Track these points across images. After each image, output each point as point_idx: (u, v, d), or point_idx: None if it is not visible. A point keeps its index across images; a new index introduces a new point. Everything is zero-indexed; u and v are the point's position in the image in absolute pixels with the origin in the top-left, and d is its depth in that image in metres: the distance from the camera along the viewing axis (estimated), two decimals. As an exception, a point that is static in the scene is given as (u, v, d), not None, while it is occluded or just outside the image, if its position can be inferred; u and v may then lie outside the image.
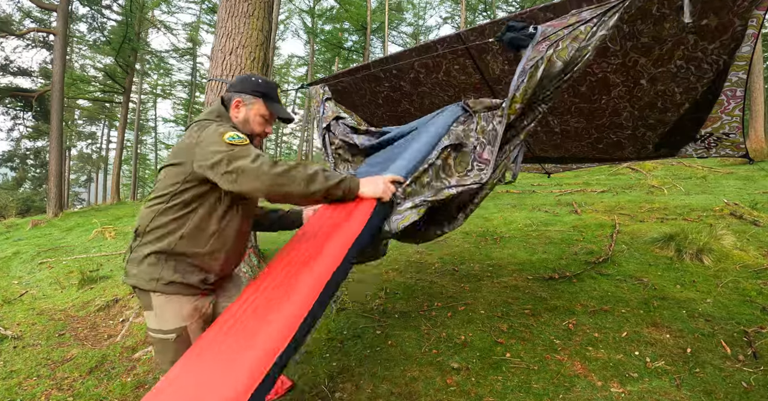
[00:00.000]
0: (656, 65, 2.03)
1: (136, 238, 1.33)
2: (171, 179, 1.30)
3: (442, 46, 2.23)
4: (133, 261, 1.33)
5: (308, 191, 1.21)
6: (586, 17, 1.47)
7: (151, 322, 1.34)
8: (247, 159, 1.18)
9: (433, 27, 32.98)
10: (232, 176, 1.17)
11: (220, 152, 1.19)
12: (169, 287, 1.31)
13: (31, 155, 20.40)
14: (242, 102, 1.43)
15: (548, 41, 1.50)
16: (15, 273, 4.98)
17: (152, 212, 1.31)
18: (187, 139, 1.32)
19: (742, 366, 1.99)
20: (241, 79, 1.48)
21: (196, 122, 1.38)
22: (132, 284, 1.34)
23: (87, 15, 16.30)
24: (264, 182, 1.16)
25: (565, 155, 3.21)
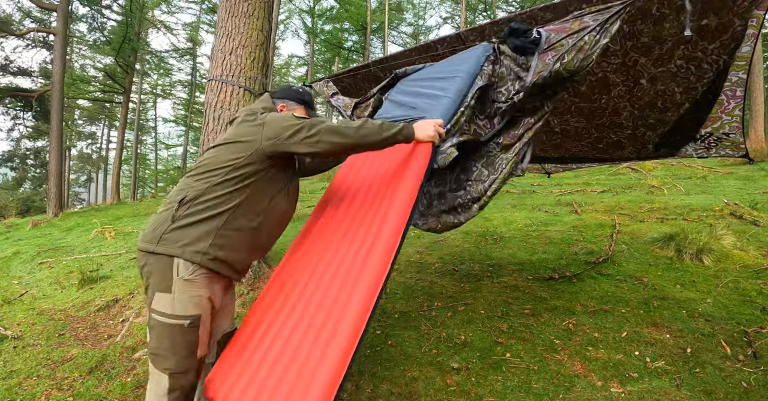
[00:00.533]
0: (656, 65, 2.03)
1: (181, 207, 1.31)
2: (231, 155, 1.36)
3: (442, 46, 2.23)
4: (176, 230, 1.29)
5: (383, 138, 1.37)
6: (590, 24, 1.47)
7: (164, 305, 1.27)
8: (324, 123, 1.35)
9: (433, 27, 32.99)
10: (314, 138, 1.32)
11: (296, 124, 1.34)
12: (212, 263, 1.31)
13: (31, 155, 20.39)
14: (287, 107, 1.63)
15: (554, 52, 1.52)
16: (15, 273, 4.97)
17: (205, 183, 1.33)
18: (246, 122, 1.43)
19: (742, 366, 1.99)
20: (284, 88, 1.69)
21: (247, 111, 1.49)
22: (162, 252, 1.28)
23: (87, 15, 16.30)
24: (348, 136, 1.33)
25: (565, 155, 3.21)
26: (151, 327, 1.29)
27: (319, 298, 1.26)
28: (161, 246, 1.28)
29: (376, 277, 1.17)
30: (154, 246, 1.28)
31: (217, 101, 3.01)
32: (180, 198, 1.33)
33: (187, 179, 1.40)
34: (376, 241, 1.24)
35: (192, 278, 1.29)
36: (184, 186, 1.37)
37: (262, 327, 1.37)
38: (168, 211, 1.34)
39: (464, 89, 1.65)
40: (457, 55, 1.88)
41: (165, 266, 1.27)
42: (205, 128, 3.06)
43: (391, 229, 1.25)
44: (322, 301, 1.24)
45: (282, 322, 1.31)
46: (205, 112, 3.12)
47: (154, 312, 1.29)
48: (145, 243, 1.32)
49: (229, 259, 1.35)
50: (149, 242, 1.31)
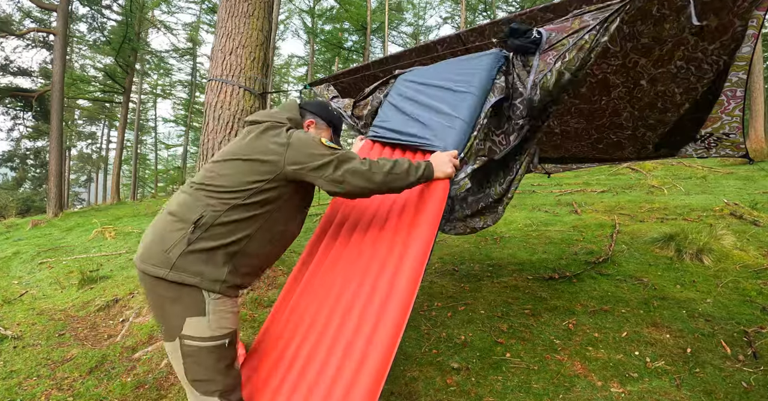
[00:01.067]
0: (656, 66, 2.03)
1: (197, 229, 1.21)
2: (253, 175, 1.27)
3: (442, 46, 2.23)
4: (189, 254, 1.19)
5: (408, 183, 1.34)
6: (590, 23, 1.47)
7: (203, 330, 1.19)
8: (355, 162, 1.29)
9: (433, 27, 32.99)
10: (342, 177, 1.26)
11: (325, 155, 1.27)
12: (229, 291, 1.25)
13: (31, 155, 20.39)
14: (315, 124, 1.52)
15: (555, 51, 1.52)
16: (15, 273, 4.97)
17: (224, 204, 1.24)
18: (269, 136, 1.32)
19: (742, 366, 1.99)
20: (320, 104, 1.58)
21: (269, 121, 1.37)
22: (175, 280, 1.18)
23: (87, 15, 16.30)
24: (375, 182, 1.28)
25: (565, 155, 3.21)
26: (188, 354, 1.19)
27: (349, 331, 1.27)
28: (175, 273, 1.18)
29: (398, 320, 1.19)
30: (167, 272, 1.17)
31: (217, 101, 3.01)
32: (196, 219, 1.21)
33: (200, 193, 1.27)
34: (393, 290, 1.25)
35: (220, 300, 1.24)
36: (198, 203, 1.25)
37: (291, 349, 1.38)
38: (180, 231, 1.21)
39: (477, 109, 1.60)
40: (467, 60, 1.80)
41: (191, 292, 1.19)
42: (205, 128, 3.06)
43: (408, 278, 1.26)
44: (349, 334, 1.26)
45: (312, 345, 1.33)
46: (205, 112, 3.12)
47: (189, 339, 1.19)
48: (154, 267, 1.19)
49: (243, 283, 1.32)
50: (159, 267, 1.18)
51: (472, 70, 1.72)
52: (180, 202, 1.28)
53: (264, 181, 1.26)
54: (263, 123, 1.37)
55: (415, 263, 1.27)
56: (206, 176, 1.30)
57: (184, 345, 1.19)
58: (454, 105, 1.65)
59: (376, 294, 1.26)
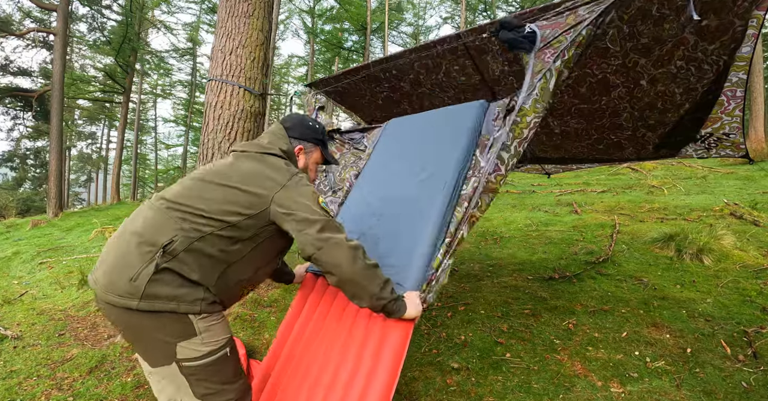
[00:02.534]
0: (656, 66, 2.03)
1: (165, 254, 1.08)
2: (232, 205, 1.15)
3: (441, 46, 2.23)
4: (159, 279, 1.07)
5: (375, 296, 1.18)
6: (585, 16, 1.42)
7: (199, 349, 1.11)
8: (341, 234, 1.18)
9: (433, 27, 32.99)
10: (321, 243, 1.14)
11: (317, 212, 1.17)
12: (212, 307, 1.16)
13: (31, 155, 20.39)
14: (303, 150, 1.43)
15: (552, 49, 1.45)
16: (15, 273, 4.97)
17: (196, 231, 1.12)
18: (266, 173, 1.22)
19: (742, 366, 1.99)
20: (299, 123, 1.44)
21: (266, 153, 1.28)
22: (149, 310, 1.06)
23: (87, 15, 16.30)
24: (351, 268, 1.15)
25: (565, 156, 3.21)
26: (190, 374, 1.12)
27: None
28: (147, 303, 1.05)
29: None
30: (137, 302, 1.05)
31: (217, 101, 3.01)
32: (165, 242, 1.08)
33: (173, 213, 1.14)
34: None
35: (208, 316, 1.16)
36: (170, 225, 1.12)
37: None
38: (147, 254, 1.08)
39: (447, 215, 1.47)
40: (452, 117, 1.71)
41: (173, 318, 1.09)
42: (205, 128, 3.06)
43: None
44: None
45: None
46: (205, 112, 3.12)
47: (186, 361, 1.11)
48: (120, 298, 1.06)
49: (224, 302, 1.23)
50: (126, 297, 1.06)
51: (455, 135, 1.62)
52: (147, 220, 1.14)
53: (245, 216, 1.15)
54: (255, 154, 1.28)
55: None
56: (183, 195, 1.17)
57: (183, 367, 1.11)
58: (420, 215, 1.52)
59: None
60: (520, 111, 1.45)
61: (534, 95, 1.45)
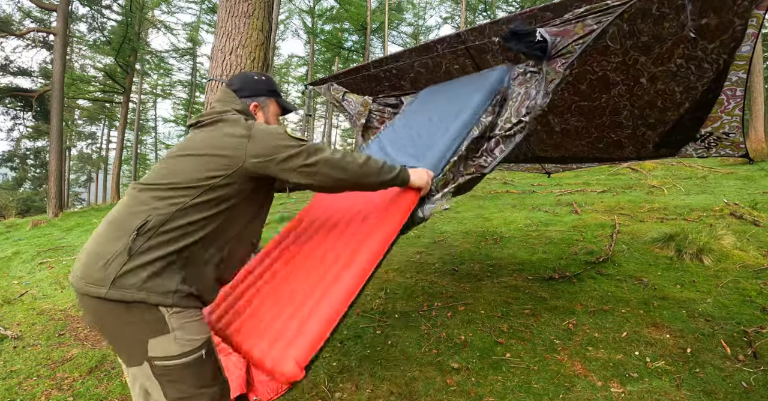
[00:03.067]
0: (656, 64, 2.03)
1: (140, 236, 1.03)
2: (206, 171, 1.11)
3: (442, 46, 2.23)
4: (132, 267, 1.01)
5: (381, 181, 1.29)
6: (593, 27, 1.47)
7: (171, 348, 1.04)
8: (325, 152, 1.20)
9: (433, 27, 33.00)
10: (313, 168, 1.17)
11: (292, 146, 1.16)
12: (186, 301, 1.09)
13: (31, 155, 20.39)
14: (259, 106, 1.38)
15: (563, 59, 1.53)
16: (15, 273, 4.97)
17: (171, 205, 1.07)
18: (222, 130, 1.18)
19: (742, 366, 1.99)
20: (246, 80, 1.39)
21: (222, 115, 1.23)
22: (119, 299, 0.99)
23: (87, 15, 16.32)
24: (349, 173, 1.21)
25: (566, 155, 3.21)
26: (162, 375, 1.04)
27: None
28: (116, 291, 0.99)
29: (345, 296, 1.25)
30: (106, 290, 0.99)
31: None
32: (139, 224, 1.03)
33: (143, 194, 1.10)
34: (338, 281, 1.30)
35: (182, 312, 1.08)
36: (143, 206, 1.07)
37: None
38: (120, 240, 1.03)
39: (458, 140, 1.69)
40: (478, 77, 1.95)
41: (144, 310, 1.02)
42: (205, 128, 3.06)
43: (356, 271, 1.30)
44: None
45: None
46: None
47: (157, 361, 1.03)
48: (90, 285, 1.00)
49: (202, 294, 1.15)
50: (97, 285, 1.00)
51: (475, 88, 1.84)
52: (121, 206, 1.11)
53: (220, 177, 1.11)
54: (211, 120, 1.24)
55: (365, 263, 1.31)
56: (155, 175, 1.14)
57: (155, 366, 1.04)
58: (435, 132, 1.76)
59: (322, 282, 1.32)
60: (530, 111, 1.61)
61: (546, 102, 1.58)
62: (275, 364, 1.10)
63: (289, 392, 2.02)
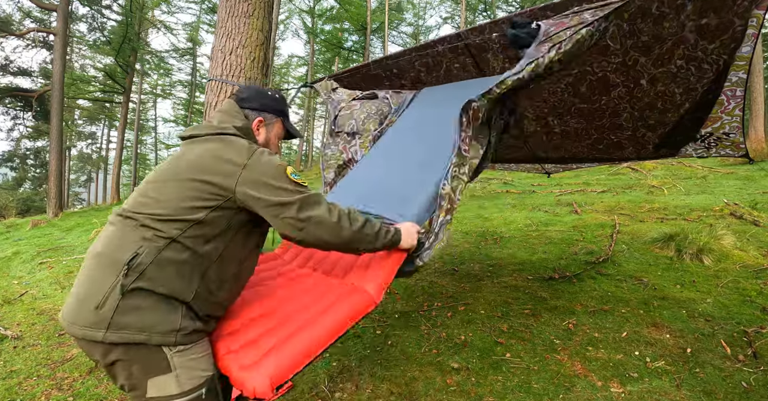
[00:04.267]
0: (656, 65, 2.03)
1: (131, 272, 0.94)
2: (188, 201, 1.01)
3: (442, 45, 2.23)
4: (128, 305, 0.93)
5: (373, 247, 1.20)
6: (588, 19, 1.48)
7: (171, 387, 0.98)
8: (321, 208, 1.08)
9: (433, 27, 33.02)
10: (302, 224, 1.05)
11: (287, 191, 1.05)
12: (190, 337, 1.02)
13: (31, 155, 20.39)
14: (263, 122, 1.28)
15: (550, 42, 1.51)
16: (15, 273, 4.97)
17: (160, 238, 0.99)
18: (218, 153, 1.07)
19: (742, 366, 1.99)
20: (258, 94, 1.29)
21: (220, 133, 1.13)
22: (118, 342, 0.93)
23: (87, 15, 16.32)
24: (341, 239, 1.10)
25: (565, 156, 3.21)
26: None
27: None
28: (114, 333, 0.92)
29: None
30: (103, 333, 0.92)
31: (217, 101, 3.00)
32: (129, 258, 0.95)
33: (131, 224, 1.01)
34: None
35: (185, 349, 1.01)
36: (130, 237, 0.99)
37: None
38: (111, 276, 0.94)
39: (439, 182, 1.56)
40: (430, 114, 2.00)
41: (144, 350, 0.96)
42: (205, 128, 3.06)
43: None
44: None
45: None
46: (205, 112, 3.12)
47: (162, 398, 0.98)
48: (86, 329, 0.93)
49: (206, 327, 1.09)
50: (92, 328, 0.92)
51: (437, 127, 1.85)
52: (107, 238, 1.02)
53: (208, 208, 1.02)
54: (206, 137, 1.13)
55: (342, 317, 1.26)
56: (138, 202, 1.04)
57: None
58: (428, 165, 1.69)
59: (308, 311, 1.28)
60: (502, 83, 1.53)
61: (520, 75, 1.52)
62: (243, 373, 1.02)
63: (290, 392, 2.02)
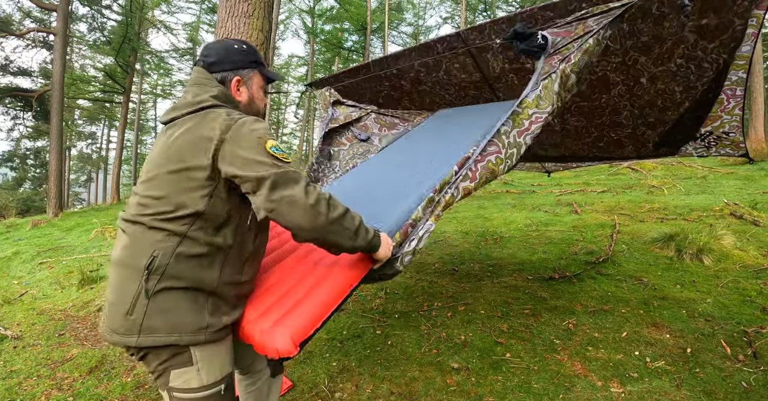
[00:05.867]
0: (656, 64, 2.03)
1: (151, 276, 0.95)
2: (191, 192, 0.98)
3: (442, 45, 2.23)
4: (155, 308, 0.96)
5: (349, 246, 1.05)
6: (593, 27, 1.50)
7: (191, 381, 1.00)
8: (297, 187, 0.96)
9: (433, 27, 33.01)
10: (273, 204, 0.95)
11: (264, 164, 0.95)
12: (219, 333, 1.04)
13: (31, 155, 20.41)
14: (242, 80, 1.17)
15: (560, 55, 1.53)
16: (15, 273, 4.97)
17: (169, 239, 0.98)
18: (199, 132, 0.99)
19: (742, 366, 1.99)
20: (226, 53, 1.16)
21: (197, 108, 1.05)
22: (151, 345, 0.96)
23: (87, 15, 16.32)
24: (314, 225, 0.96)
25: (566, 154, 3.21)
26: None
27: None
28: (146, 337, 0.96)
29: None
30: (136, 339, 0.95)
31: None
32: (147, 263, 0.96)
33: (139, 228, 1.00)
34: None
35: (209, 345, 1.04)
36: (143, 242, 0.99)
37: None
38: (133, 283, 0.97)
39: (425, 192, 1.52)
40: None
41: (175, 350, 1.00)
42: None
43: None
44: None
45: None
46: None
47: (176, 391, 1.01)
48: (120, 336, 0.97)
49: (234, 316, 1.09)
50: (125, 334, 0.96)
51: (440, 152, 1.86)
52: (123, 246, 1.02)
53: (207, 195, 0.98)
54: (185, 117, 1.05)
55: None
56: (140, 204, 1.02)
57: (173, 397, 1.02)
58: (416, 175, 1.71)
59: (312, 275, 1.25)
60: (522, 103, 1.51)
61: (537, 92, 1.51)
62: (265, 337, 1.03)
63: (290, 392, 2.02)
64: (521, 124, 1.51)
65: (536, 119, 1.51)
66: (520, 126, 1.51)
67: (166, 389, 1.02)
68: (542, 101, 1.51)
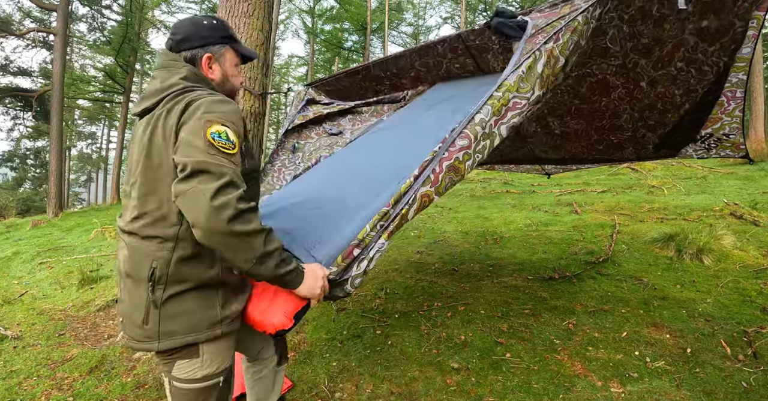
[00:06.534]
0: (656, 68, 2.04)
1: (156, 287, 0.96)
2: (168, 190, 0.94)
3: (442, 45, 2.23)
4: (168, 312, 0.97)
5: (246, 269, 0.93)
6: (581, 5, 1.40)
7: (193, 371, 1.03)
8: (212, 184, 0.86)
9: (433, 27, 33.03)
10: (181, 192, 0.87)
11: (196, 149, 0.89)
12: (233, 324, 1.06)
13: (31, 155, 20.40)
14: (213, 57, 1.11)
15: (544, 33, 1.37)
16: (15, 273, 4.97)
17: (163, 248, 0.97)
18: (160, 125, 0.96)
19: (742, 366, 2.00)
20: (194, 28, 1.09)
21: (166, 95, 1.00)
22: (172, 347, 0.99)
23: (87, 15, 16.33)
24: (210, 229, 0.86)
25: (566, 156, 3.21)
26: (175, 395, 1.06)
27: None
28: (166, 341, 0.98)
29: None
30: (157, 344, 0.98)
31: (217, 101, 3.01)
32: (148, 274, 0.96)
33: (134, 239, 0.99)
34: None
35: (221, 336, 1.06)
36: (141, 253, 0.98)
37: None
38: (141, 294, 0.97)
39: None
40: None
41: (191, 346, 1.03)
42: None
43: None
44: None
45: None
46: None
47: (177, 381, 1.03)
48: (141, 344, 1.00)
49: (244, 303, 1.11)
50: (146, 342, 0.99)
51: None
52: (124, 259, 1.02)
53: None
54: (158, 105, 1.01)
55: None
56: (129, 212, 1.02)
57: (173, 385, 1.04)
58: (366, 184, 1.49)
59: None
60: (501, 86, 1.30)
61: (519, 73, 1.31)
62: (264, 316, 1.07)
63: (290, 392, 2.02)
64: (499, 111, 1.29)
65: (513, 104, 1.30)
66: (498, 114, 1.29)
67: (168, 376, 1.05)
68: (523, 84, 1.31)
